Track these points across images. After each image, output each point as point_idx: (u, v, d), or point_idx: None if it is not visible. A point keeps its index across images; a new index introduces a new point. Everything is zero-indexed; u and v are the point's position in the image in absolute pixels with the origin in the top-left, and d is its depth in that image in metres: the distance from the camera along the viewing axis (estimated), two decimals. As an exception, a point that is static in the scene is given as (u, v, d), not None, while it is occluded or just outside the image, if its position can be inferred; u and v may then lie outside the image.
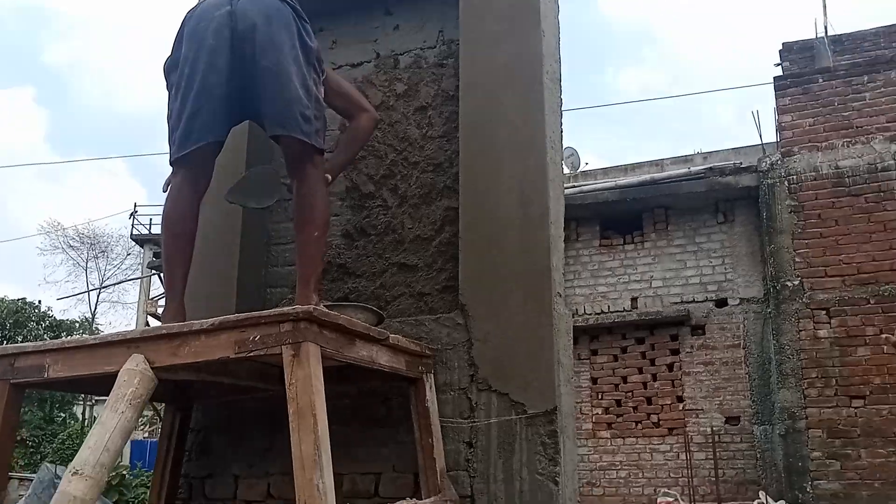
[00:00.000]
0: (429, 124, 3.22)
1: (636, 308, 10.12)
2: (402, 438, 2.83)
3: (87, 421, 23.27)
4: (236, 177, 3.11)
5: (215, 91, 2.48)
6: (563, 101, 3.29)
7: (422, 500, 2.58)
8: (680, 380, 9.77)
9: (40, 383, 2.37)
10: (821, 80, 9.18)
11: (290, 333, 2.05)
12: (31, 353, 2.29)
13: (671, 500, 6.08)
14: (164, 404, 3.05)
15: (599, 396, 10.10)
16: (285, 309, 2.09)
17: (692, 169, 9.97)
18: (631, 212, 10.28)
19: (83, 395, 23.61)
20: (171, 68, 2.62)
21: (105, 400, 2.11)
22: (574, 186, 10.47)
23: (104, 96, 69.04)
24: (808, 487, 8.32)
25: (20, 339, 21.60)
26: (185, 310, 2.54)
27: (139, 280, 27.67)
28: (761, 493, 8.54)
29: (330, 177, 2.74)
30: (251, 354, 2.07)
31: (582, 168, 11.43)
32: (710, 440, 6.66)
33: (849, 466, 8.24)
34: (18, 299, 23.82)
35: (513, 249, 2.87)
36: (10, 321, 22.53)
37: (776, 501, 8.35)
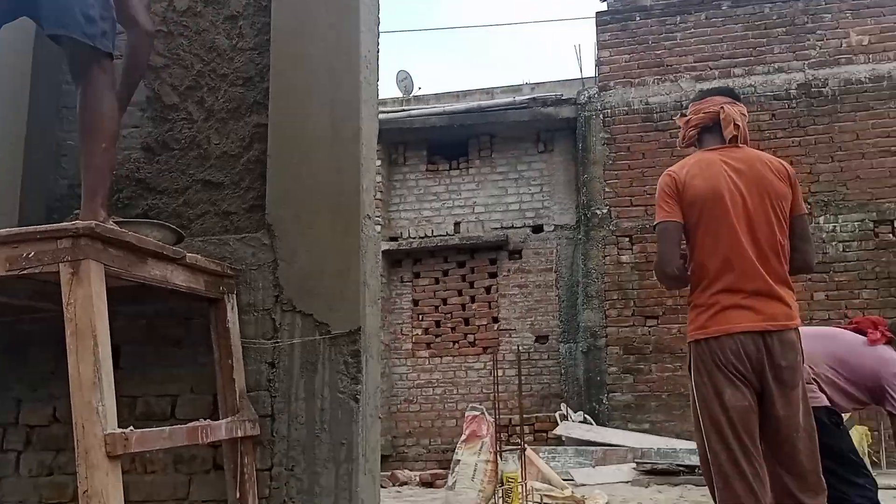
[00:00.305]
0: (239, 35, 3.06)
1: (459, 232, 10.40)
2: (202, 360, 2.78)
3: None
4: (23, 82, 2.83)
5: None
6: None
7: (219, 420, 2.56)
8: (496, 301, 10.22)
9: None
10: (638, 18, 9.62)
11: (68, 250, 1.93)
12: None
13: (477, 413, 6.42)
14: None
15: (420, 318, 10.39)
16: (63, 224, 1.96)
17: (517, 98, 10.22)
18: (458, 138, 10.44)
19: None
20: None
21: None
22: (404, 110, 10.46)
23: None
24: (604, 399, 9.08)
25: None
26: None
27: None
28: (562, 405, 9.23)
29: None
30: (24, 272, 1.94)
31: (415, 92, 11.40)
32: (517, 357, 7.09)
33: (641, 380, 9.07)
34: None
35: (322, 169, 2.84)
36: None
37: (575, 412, 9.07)
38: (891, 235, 8.71)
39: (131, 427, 2.00)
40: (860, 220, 8.73)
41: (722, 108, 2.87)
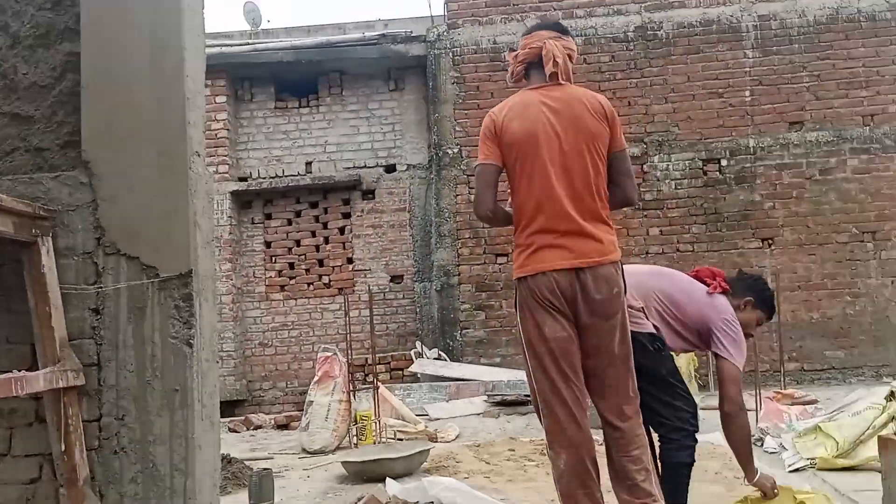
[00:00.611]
0: (42, -48, 2.79)
1: (311, 172, 10.21)
2: (18, 307, 2.60)
3: None
4: None
5: None
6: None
7: (37, 370, 2.41)
8: (350, 242, 10.18)
9: None
10: (485, -45, 9.61)
11: None
12: None
13: (329, 354, 6.43)
14: None
15: (273, 260, 10.19)
16: None
17: (367, 35, 10.02)
18: (307, 75, 10.15)
19: None
20: None
21: None
22: (250, 44, 10.01)
23: None
24: (458, 336, 9.32)
25: None
26: None
27: None
28: (418, 343, 9.41)
29: None
30: None
31: (263, 25, 10.91)
32: (369, 297, 7.14)
33: (492, 316, 9.36)
34: None
35: (144, 103, 2.68)
36: None
37: (430, 349, 9.27)
38: (718, 173, 9.32)
39: (-74, 381, 1.84)
40: (690, 159, 9.27)
41: (545, 43, 2.90)
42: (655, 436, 3.14)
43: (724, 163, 9.29)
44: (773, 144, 9.27)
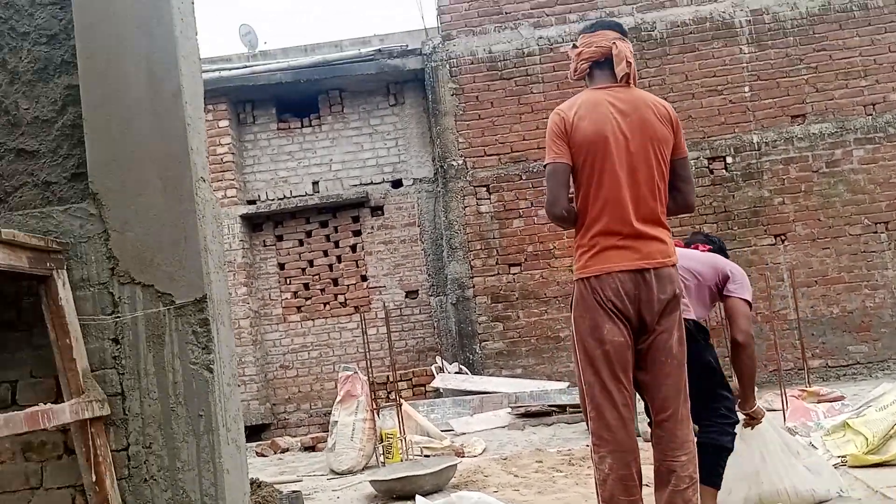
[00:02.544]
0: (36, -12, 2.82)
1: (318, 192, 10.22)
2: (39, 342, 2.62)
3: None
4: None
5: None
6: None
7: (62, 403, 2.42)
8: (363, 259, 10.17)
9: None
10: (474, -36, 9.63)
11: None
12: None
13: (350, 373, 6.41)
14: None
15: (287, 281, 10.20)
16: None
17: (363, 51, 10.06)
18: (307, 94, 10.17)
19: None
20: None
21: None
22: (247, 66, 10.06)
23: None
24: (477, 349, 9.28)
25: None
26: None
27: None
28: (438, 358, 9.38)
29: None
30: None
31: (260, 47, 10.97)
32: (385, 314, 7.13)
33: (510, 327, 9.31)
34: None
35: (145, 132, 2.70)
36: None
37: (451, 363, 9.24)
38: (724, 171, 9.27)
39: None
40: (695, 159, 9.19)
41: (615, 43, 2.88)
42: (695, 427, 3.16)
43: (729, 160, 9.24)
44: (776, 139, 9.21)
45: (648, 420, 2.95)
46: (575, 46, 3.01)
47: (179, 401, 2.62)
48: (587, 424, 2.88)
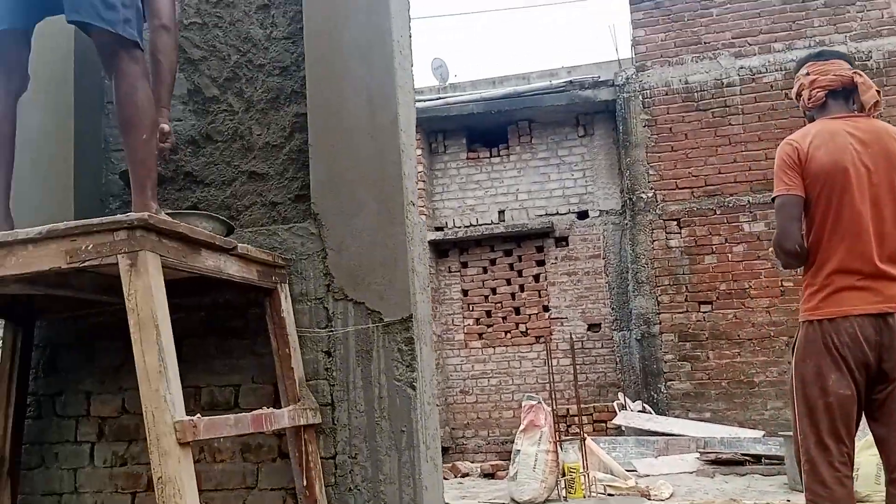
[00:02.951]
0: (272, 24, 3.08)
1: (503, 221, 10.35)
2: (261, 350, 2.81)
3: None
4: (67, 79, 2.90)
5: None
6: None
7: (281, 408, 2.58)
8: (546, 290, 10.14)
9: None
10: (672, -5, 9.43)
11: (125, 242, 1.96)
12: None
13: (534, 403, 6.37)
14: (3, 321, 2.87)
15: (470, 308, 10.36)
16: (119, 216, 1.98)
17: (554, 82, 10.12)
18: (497, 124, 10.38)
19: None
20: None
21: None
22: (440, 98, 10.43)
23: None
24: (662, 388, 8.94)
25: None
26: (14, 220, 2.37)
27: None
28: (620, 395, 9.12)
29: (167, 126, 2.58)
30: (84, 265, 1.97)
31: (450, 80, 11.37)
32: (571, 346, 7.05)
33: (698, 367, 8.89)
34: None
35: (364, 157, 2.84)
36: None
37: (633, 402, 8.95)
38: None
39: (199, 415, 2.02)
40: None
41: (857, 72, 2.74)
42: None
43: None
44: None
45: (886, 477, 2.68)
46: (808, 74, 2.83)
47: (384, 415, 2.71)
48: (800, 476, 2.67)
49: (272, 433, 2.73)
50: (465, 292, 10.40)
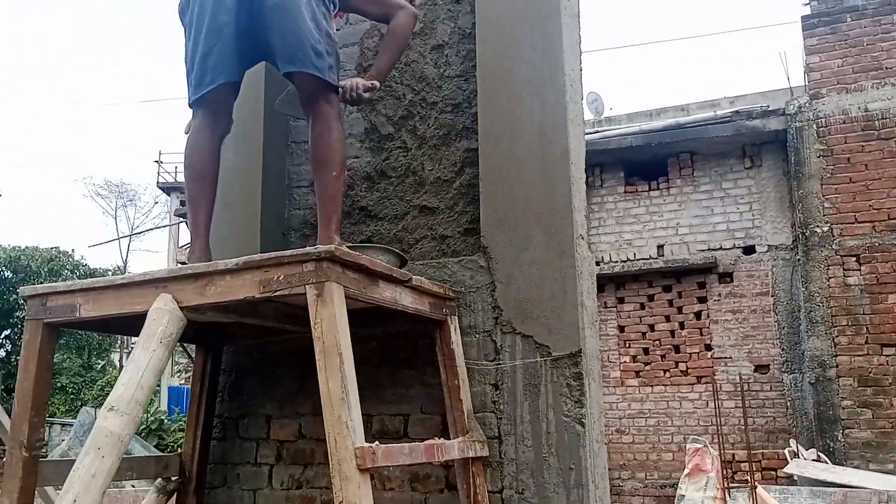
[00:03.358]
0: (446, 63, 3.17)
1: (662, 255, 10.04)
2: (429, 380, 2.85)
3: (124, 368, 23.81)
4: (255, 122, 3.11)
5: (225, 30, 2.47)
6: (583, 42, 3.22)
7: (450, 440, 2.60)
8: (708, 328, 9.72)
9: (72, 322, 2.41)
10: (849, 20, 8.92)
11: (313, 273, 2.05)
12: (62, 292, 2.33)
13: (700, 446, 6.09)
14: (195, 346, 3.09)
15: (627, 345, 10.09)
16: (308, 249, 2.09)
17: (718, 113, 9.77)
18: (656, 157, 10.14)
19: (119, 342, 24.16)
20: (183, 8, 2.61)
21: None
22: (597, 132, 10.33)
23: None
24: (839, 436, 8.29)
25: (56, 288, 21.81)
26: (212, 252, 2.56)
27: (167, 228, 28.00)
28: (792, 442, 8.53)
29: (377, 83, 2.67)
30: (275, 294, 2.08)
31: (606, 113, 11.25)
32: (740, 388, 6.68)
33: (881, 415, 8.19)
34: (52, 248, 24.13)
35: (534, 190, 2.84)
36: (45, 269, 22.88)
37: (807, 449, 8.35)
38: None
39: (376, 442, 2.08)
40: None
41: None
42: None
43: None
44: None
45: None
46: None
47: (552, 451, 2.67)
48: None
49: (440, 464, 2.75)
50: (621, 328, 10.14)
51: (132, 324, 2.27)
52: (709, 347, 9.69)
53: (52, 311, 2.34)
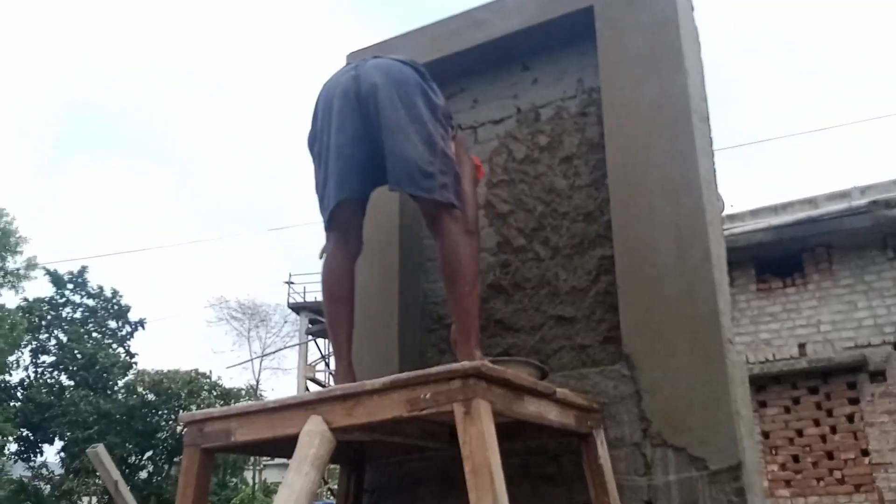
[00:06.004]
0: (575, 174, 3.20)
1: (805, 355, 9.46)
2: (577, 498, 2.72)
3: (256, 485, 24.37)
4: (392, 240, 3.21)
5: (345, 151, 2.58)
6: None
7: (603, 562, 2.46)
8: (863, 431, 8.98)
9: (228, 447, 2.47)
10: None
11: (460, 390, 2.04)
12: (218, 418, 2.40)
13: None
14: (339, 466, 3.10)
15: (773, 452, 9.43)
16: (454, 365, 2.08)
17: (853, 203, 9.34)
18: (788, 253, 9.72)
19: (252, 461, 24.74)
20: (311, 141, 2.77)
21: (274, 463, 2.16)
22: (725, 230, 10.04)
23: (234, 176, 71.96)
24: None
25: (194, 408, 22.85)
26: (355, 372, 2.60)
27: (297, 346, 28.88)
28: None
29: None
30: (423, 412, 2.07)
31: (727, 211, 10.97)
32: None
33: None
34: (191, 370, 25.37)
35: (675, 295, 2.76)
36: (185, 391, 24.05)
37: None
38: None
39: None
40: None
41: None
42: None
43: None
44: None
45: None
46: None
47: (715, 576, 2.47)
48: None
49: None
50: (765, 434, 9.50)
51: (280, 445, 2.30)
52: (865, 453, 8.91)
53: (208, 436, 2.41)
